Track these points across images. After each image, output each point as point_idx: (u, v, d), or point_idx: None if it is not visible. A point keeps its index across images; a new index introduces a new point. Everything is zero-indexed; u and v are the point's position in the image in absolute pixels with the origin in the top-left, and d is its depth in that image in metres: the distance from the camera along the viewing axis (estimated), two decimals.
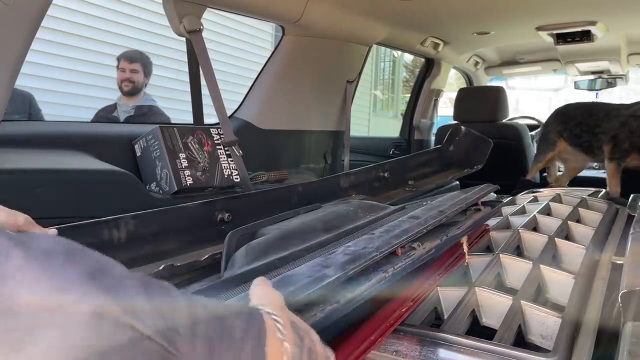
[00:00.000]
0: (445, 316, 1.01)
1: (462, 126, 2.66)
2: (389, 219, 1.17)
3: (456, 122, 3.28)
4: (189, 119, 1.99)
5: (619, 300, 0.95)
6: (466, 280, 1.20)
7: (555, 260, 1.35)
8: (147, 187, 1.61)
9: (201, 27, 1.69)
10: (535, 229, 1.56)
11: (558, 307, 1.00)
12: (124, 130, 1.92)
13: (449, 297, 1.04)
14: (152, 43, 5.08)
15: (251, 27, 6.80)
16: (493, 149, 2.51)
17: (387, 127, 9.91)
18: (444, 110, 4.14)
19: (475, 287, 1.03)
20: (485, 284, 1.07)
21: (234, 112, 2.15)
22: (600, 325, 0.95)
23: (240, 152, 1.74)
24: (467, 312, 0.99)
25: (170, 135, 1.61)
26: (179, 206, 1.19)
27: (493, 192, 1.61)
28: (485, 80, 4.01)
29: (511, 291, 1.06)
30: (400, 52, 9.29)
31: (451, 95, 4.17)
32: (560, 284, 1.14)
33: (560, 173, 3.29)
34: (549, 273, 1.17)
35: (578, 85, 3.88)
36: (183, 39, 1.78)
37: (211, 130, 1.74)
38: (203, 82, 1.79)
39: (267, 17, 2.13)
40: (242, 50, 6.66)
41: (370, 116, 10.25)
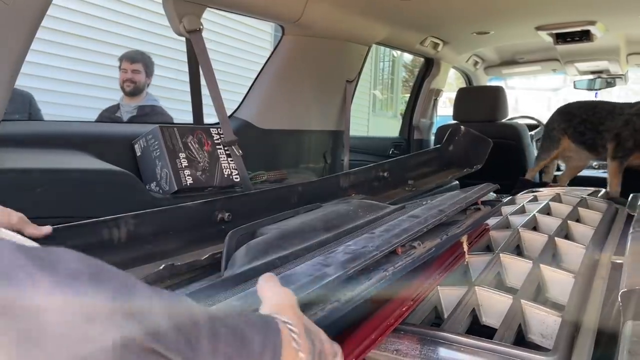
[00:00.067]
0: (446, 315, 1.01)
1: (461, 126, 2.66)
2: (389, 218, 1.18)
3: (456, 121, 3.28)
4: (189, 118, 1.99)
5: (618, 299, 0.95)
6: (466, 279, 1.20)
7: (555, 260, 1.36)
8: (147, 186, 1.61)
9: (201, 26, 1.69)
10: (535, 228, 1.56)
11: (558, 307, 1.00)
12: (124, 130, 1.93)
13: (449, 296, 1.05)
14: (152, 43, 5.07)
15: (251, 27, 6.80)
16: (492, 148, 2.51)
17: (387, 127, 9.91)
18: (444, 110, 4.14)
19: (475, 287, 1.03)
20: (485, 283, 1.07)
21: (234, 112, 2.16)
22: (600, 325, 0.95)
23: (240, 151, 1.74)
24: (467, 311, 0.99)
25: (170, 135, 1.61)
26: (179, 206, 1.19)
27: (493, 191, 1.61)
28: (485, 80, 4.01)
29: (511, 290, 1.06)
30: (399, 52, 9.30)
31: (451, 95, 4.17)
32: (560, 283, 1.14)
33: (561, 172, 3.29)
34: (548, 272, 1.17)
35: (577, 85, 3.88)
36: (183, 39, 1.78)
37: (211, 130, 1.74)
38: (203, 82, 1.79)
39: (266, 16, 2.13)
40: (241, 50, 6.66)
41: (370, 116, 10.24)
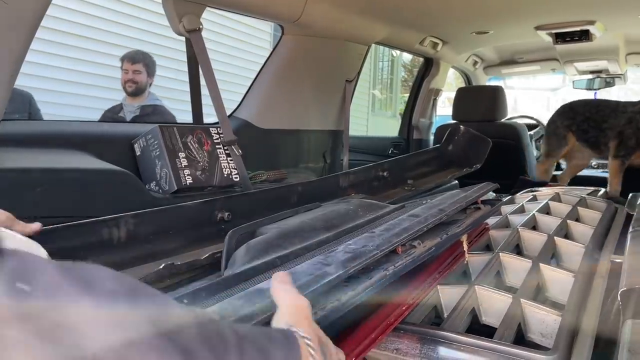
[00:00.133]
0: (445, 314, 1.01)
1: (460, 125, 2.66)
2: (389, 217, 1.17)
3: (455, 121, 3.29)
4: (189, 118, 1.98)
5: (618, 298, 0.95)
6: (466, 278, 1.20)
7: (555, 259, 1.36)
8: (147, 186, 1.61)
9: (201, 26, 1.69)
10: (535, 227, 1.56)
11: (558, 306, 1.00)
12: (123, 129, 1.92)
13: (449, 295, 1.05)
14: (151, 43, 5.07)
15: (250, 27, 6.80)
16: (492, 148, 2.51)
17: (386, 126, 9.92)
18: (443, 109, 4.14)
19: (475, 286, 1.03)
20: (485, 282, 1.07)
21: (233, 112, 2.15)
22: (600, 324, 0.95)
23: (239, 151, 1.74)
24: (467, 310, 0.99)
25: (170, 134, 1.61)
26: (179, 205, 1.19)
27: (492, 191, 1.61)
28: (484, 80, 4.01)
29: (511, 290, 1.06)
30: (399, 52, 9.30)
31: (450, 94, 4.17)
32: (559, 282, 1.14)
33: (561, 172, 3.30)
34: (548, 272, 1.17)
35: (576, 85, 3.88)
36: (182, 39, 1.78)
37: (210, 129, 1.74)
38: (202, 82, 1.79)
39: (266, 16, 2.13)
40: (241, 49, 6.66)
41: (369, 116, 10.25)
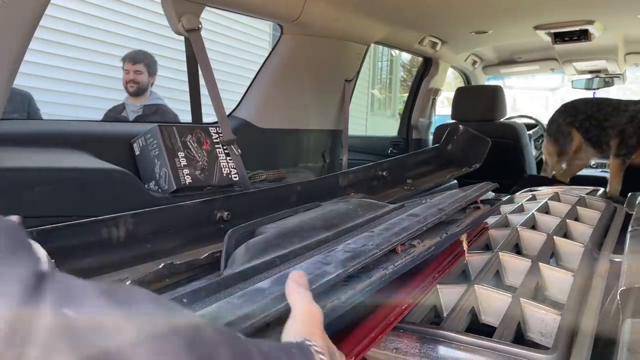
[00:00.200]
0: (445, 314, 1.01)
1: (460, 125, 2.66)
2: (388, 217, 1.17)
3: (454, 121, 3.29)
4: (188, 118, 1.98)
5: (617, 297, 0.95)
6: (465, 278, 1.20)
7: (554, 259, 1.36)
8: (146, 185, 1.61)
9: (200, 25, 1.68)
10: (534, 227, 1.56)
11: (557, 305, 1.00)
12: (122, 129, 1.92)
13: (448, 294, 1.04)
14: (151, 43, 5.07)
15: (249, 27, 6.80)
16: (491, 148, 2.51)
17: (385, 126, 9.92)
18: (442, 109, 4.14)
19: (475, 285, 1.03)
20: (484, 281, 1.07)
21: (233, 111, 2.15)
22: (599, 323, 0.95)
23: (238, 151, 1.74)
24: (467, 309, 0.99)
25: (169, 134, 1.61)
26: (178, 205, 1.19)
27: (491, 190, 1.61)
28: (483, 80, 4.01)
29: (510, 289, 1.06)
30: (398, 52, 9.30)
31: (449, 94, 4.18)
32: (559, 281, 1.14)
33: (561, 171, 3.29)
34: (547, 271, 1.17)
35: (575, 85, 3.88)
36: (182, 39, 1.77)
37: (210, 129, 1.74)
38: (202, 82, 1.79)
39: (265, 16, 2.13)
40: (240, 49, 6.65)
41: (368, 115, 10.25)
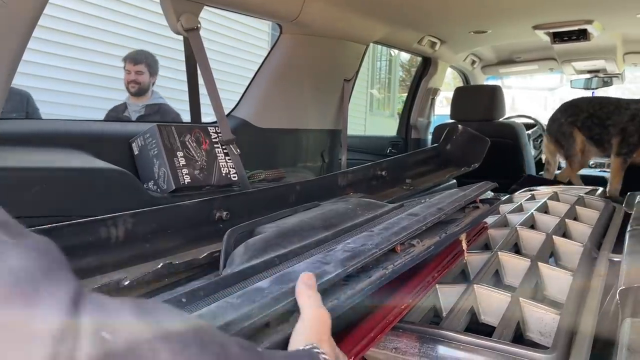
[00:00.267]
0: (444, 313, 1.01)
1: (459, 125, 2.66)
2: (387, 216, 1.17)
3: (453, 120, 3.29)
4: (188, 118, 1.98)
5: (617, 296, 0.95)
6: (465, 277, 1.20)
7: (553, 258, 1.36)
8: (145, 185, 1.61)
9: (199, 25, 1.68)
10: (533, 226, 1.56)
11: (556, 304, 1.00)
12: (121, 128, 1.92)
13: (447, 294, 1.04)
14: (150, 42, 5.07)
15: (248, 26, 6.80)
16: (490, 147, 2.51)
17: (384, 126, 9.92)
18: (441, 109, 4.15)
19: (474, 285, 1.03)
20: (483, 281, 1.07)
21: (232, 111, 2.15)
22: (599, 322, 0.95)
23: (237, 150, 1.74)
24: (466, 309, 0.99)
25: (168, 133, 1.61)
26: (177, 204, 1.19)
27: (491, 190, 1.61)
28: (482, 79, 4.02)
29: (509, 288, 1.06)
30: (397, 51, 9.30)
31: (448, 94, 4.18)
32: (558, 281, 1.14)
33: (560, 171, 3.30)
34: (547, 270, 1.17)
35: (574, 84, 3.89)
36: (181, 38, 1.77)
37: (209, 128, 1.74)
38: (200, 81, 1.79)
39: (264, 15, 2.13)
40: (239, 49, 6.65)
41: (367, 115, 10.25)
